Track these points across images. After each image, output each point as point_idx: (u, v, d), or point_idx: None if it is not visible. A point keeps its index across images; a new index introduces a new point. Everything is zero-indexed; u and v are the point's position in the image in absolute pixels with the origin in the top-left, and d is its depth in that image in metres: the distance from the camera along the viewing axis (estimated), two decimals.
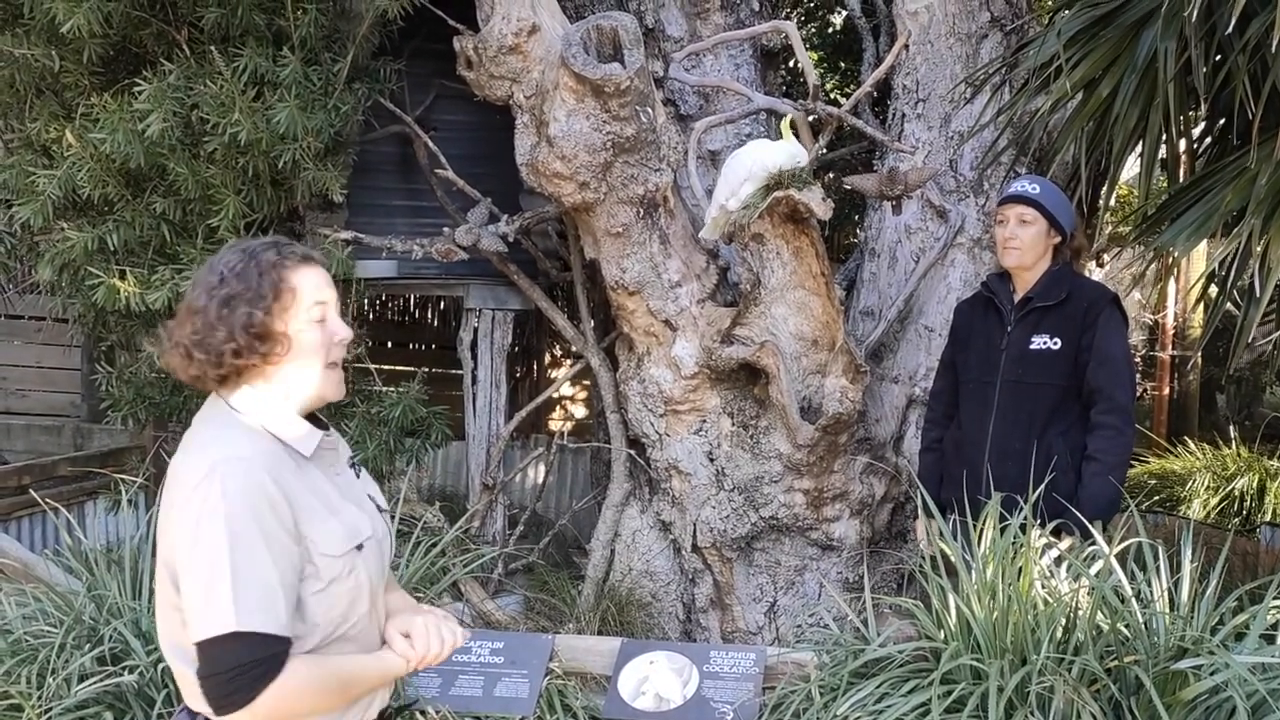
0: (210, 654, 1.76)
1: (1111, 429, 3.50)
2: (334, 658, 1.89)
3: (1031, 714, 2.58)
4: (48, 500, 4.08)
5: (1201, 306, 8.62)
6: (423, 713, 3.19)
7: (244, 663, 1.75)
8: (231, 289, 1.89)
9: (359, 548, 1.93)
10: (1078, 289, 3.63)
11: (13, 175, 4.17)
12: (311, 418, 2.04)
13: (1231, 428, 8.07)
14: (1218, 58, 3.55)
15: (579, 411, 9.26)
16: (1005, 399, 3.66)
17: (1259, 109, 3.26)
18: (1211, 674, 2.54)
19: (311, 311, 1.93)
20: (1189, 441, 7.80)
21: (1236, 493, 7.13)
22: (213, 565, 1.76)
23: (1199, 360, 8.81)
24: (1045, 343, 3.60)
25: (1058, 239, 3.66)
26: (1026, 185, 3.67)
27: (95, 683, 2.95)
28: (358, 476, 2.13)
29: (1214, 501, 7.13)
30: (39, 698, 2.91)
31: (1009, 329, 3.69)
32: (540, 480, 6.37)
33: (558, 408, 9.28)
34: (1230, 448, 7.63)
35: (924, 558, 3.27)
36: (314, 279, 1.96)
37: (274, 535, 1.79)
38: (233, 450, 1.83)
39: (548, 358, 9.04)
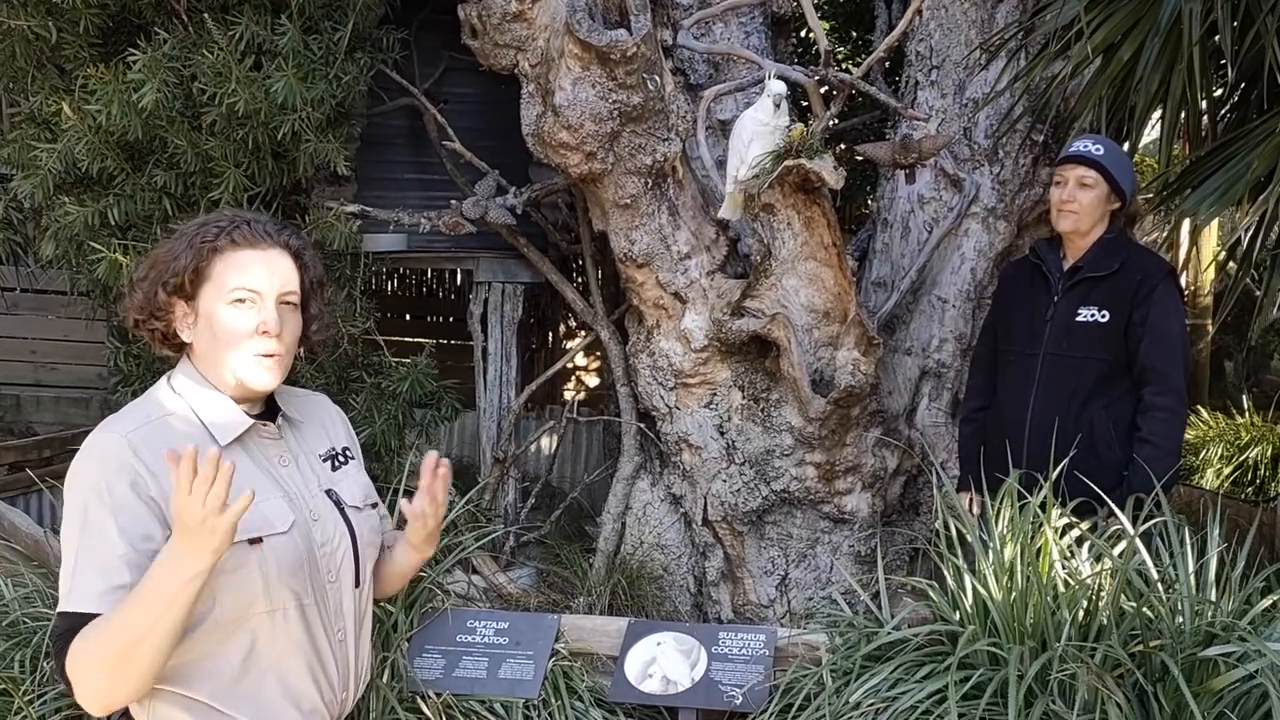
0: (56, 624, 1.81)
1: (1166, 410, 3.39)
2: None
3: (1053, 702, 2.52)
4: (46, 478, 4.05)
5: (1211, 273, 8.53)
6: (424, 697, 3.15)
7: (59, 633, 1.78)
8: (174, 246, 1.94)
9: (254, 542, 1.86)
10: (1132, 260, 3.49)
11: (15, 150, 4.12)
12: (270, 404, 2.04)
13: (1245, 397, 7.98)
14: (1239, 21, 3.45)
15: (594, 382, 9.23)
16: (1047, 372, 3.55)
17: None
18: (1240, 660, 2.47)
19: (230, 295, 1.91)
20: (1202, 410, 7.71)
21: (1250, 462, 7.07)
22: (70, 545, 1.79)
23: (1209, 327, 8.72)
24: (1093, 315, 3.48)
25: (1117, 204, 3.52)
26: (1090, 145, 3.50)
27: None
28: (334, 469, 2.08)
29: (1227, 471, 7.07)
30: (31, 682, 2.87)
31: (1055, 299, 3.58)
32: (553, 452, 6.34)
33: (573, 379, 9.26)
34: (1243, 417, 7.56)
35: (937, 534, 3.21)
36: (248, 265, 1.93)
37: (126, 513, 1.77)
38: (115, 426, 1.86)
39: (563, 329, 9.01)
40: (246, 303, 1.92)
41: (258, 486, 1.90)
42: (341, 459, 2.12)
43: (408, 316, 9.71)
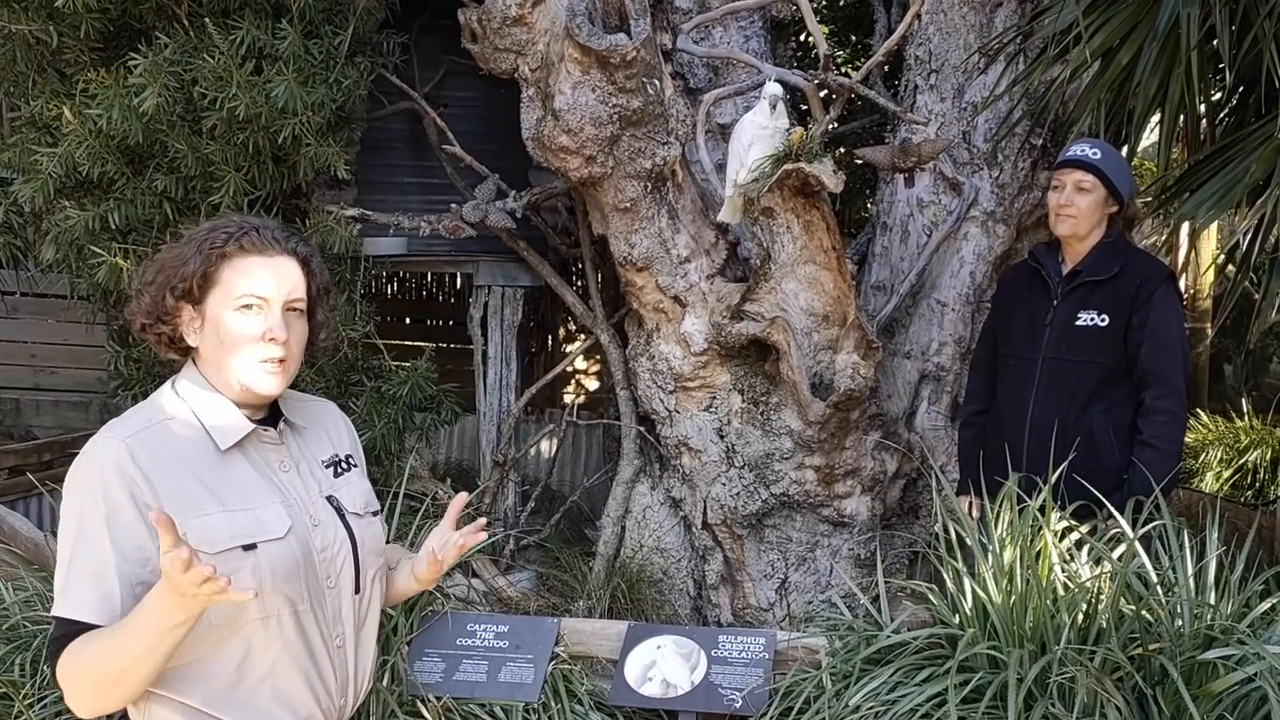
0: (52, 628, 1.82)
1: (1167, 414, 3.40)
2: (106, 629, 1.78)
3: (1053, 705, 2.52)
4: (46, 481, 4.05)
5: (1210, 276, 8.52)
6: (424, 700, 3.14)
7: (56, 641, 1.79)
8: (184, 250, 1.93)
9: (249, 548, 1.85)
10: (1131, 263, 3.50)
11: (16, 154, 4.12)
12: (274, 410, 2.03)
13: (1244, 401, 7.98)
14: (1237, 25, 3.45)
15: (594, 386, 9.23)
16: (1047, 376, 3.55)
17: None
18: (1239, 663, 2.47)
19: (237, 301, 1.91)
20: (1201, 414, 7.71)
21: (1249, 465, 7.06)
22: (64, 548, 1.80)
23: (1209, 330, 8.72)
24: (1092, 319, 3.48)
25: (1115, 208, 3.52)
26: (1087, 149, 3.51)
27: None
28: (335, 476, 2.08)
29: (1227, 474, 7.06)
30: (32, 686, 2.86)
31: (1055, 303, 3.58)
32: (552, 455, 6.34)
33: (573, 382, 9.27)
34: (1243, 420, 7.55)
35: (936, 537, 3.21)
36: (256, 271, 1.93)
37: (119, 519, 1.77)
38: (116, 430, 1.86)
39: (562, 333, 9.02)
40: (254, 309, 1.91)
41: (256, 492, 1.91)
42: (344, 466, 2.11)
43: (407, 320, 9.74)
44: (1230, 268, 4.26)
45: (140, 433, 1.85)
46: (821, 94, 3.85)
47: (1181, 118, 3.59)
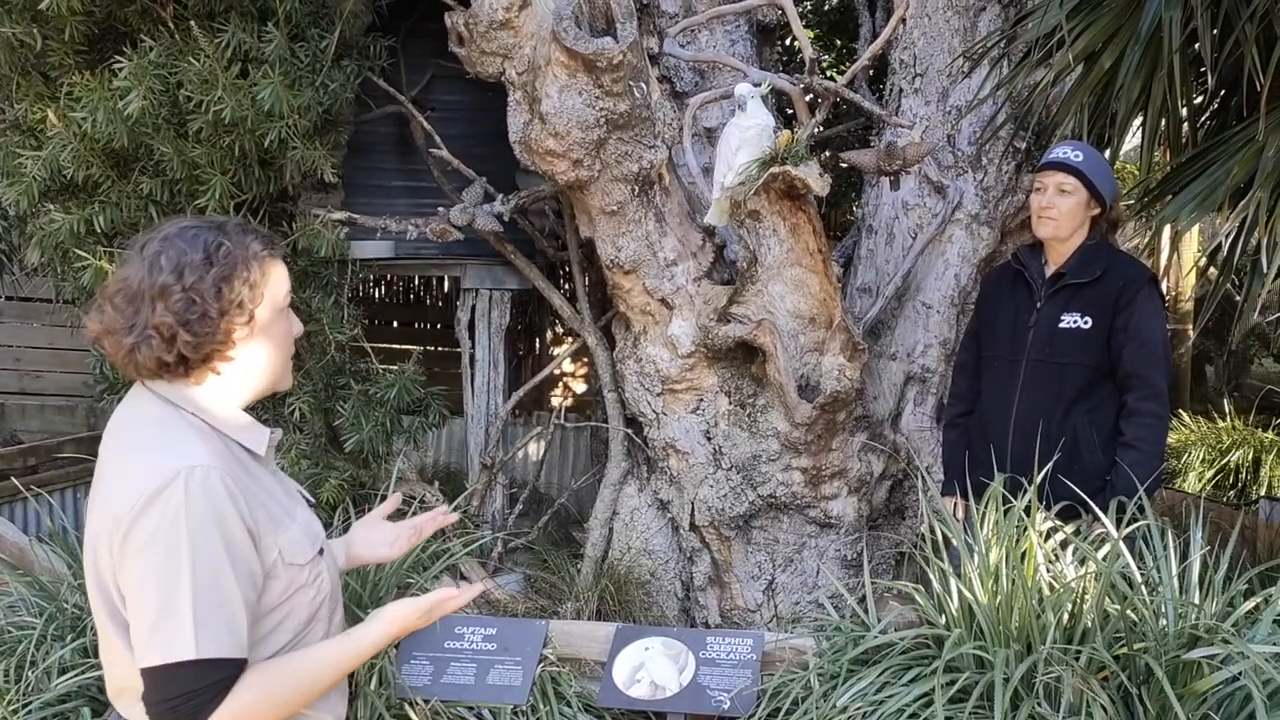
0: (161, 679, 1.65)
1: (1151, 416, 3.41)
2: (288, 659, 1.79)
3: (1039, 704, 2.53)
4: (32, 486, 4.03)
5: (1192, 278, 8.56)
6: (411, 703, 3.14)
7: (194, 689, 1.65)
8: (225, 269, 1.77)
9: (321, 552, 1.88)
10: (1114, 266, 3.50)
11: (0, 157, 4.11)
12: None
13: (1226, 401, 8.03)
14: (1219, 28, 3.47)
15: (581, 389, 9.23)
16: (1031, 378, 3.56)
17: (1267, 79, 3.19)
18: (1223, 662, 2.48)
19: (284, 303, 1.88)
20: (1183, 414, 7.76)
21: (1231, 466, 7.11)
22: (172, 584, 1.64)
23: (1191, 332, 8.76)
24: (1075, 321, 3.50)
25: (1097, 210, 3.53)
26: (1069, 151, 3.51)
27: (76, 675, 2.87)
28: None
29: (1209, 475, 7.10)
30: (17, 691, 2.84)
31: (1038, 305, 3.59)
32: (540, 458, 6.34)
33: (560, 385, 9.26)
34: (1224, 421, 7.59)
35: (922, 538, 3.22)
36: (285, 271, 1.90)
37: (236, 548, 1.70)
38: (194, 455, 1.70)
39: (550, 336, 9.01)
40: (289, 310, 1.92)
41: (286, 496, 1.91)
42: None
43: (395, 323, 9.73)
44: (1212, 270, 4.28)
45: (211, 455, 1.73)
46: (807, 98, 3.86)
47: (1164, 121, 3.61)
